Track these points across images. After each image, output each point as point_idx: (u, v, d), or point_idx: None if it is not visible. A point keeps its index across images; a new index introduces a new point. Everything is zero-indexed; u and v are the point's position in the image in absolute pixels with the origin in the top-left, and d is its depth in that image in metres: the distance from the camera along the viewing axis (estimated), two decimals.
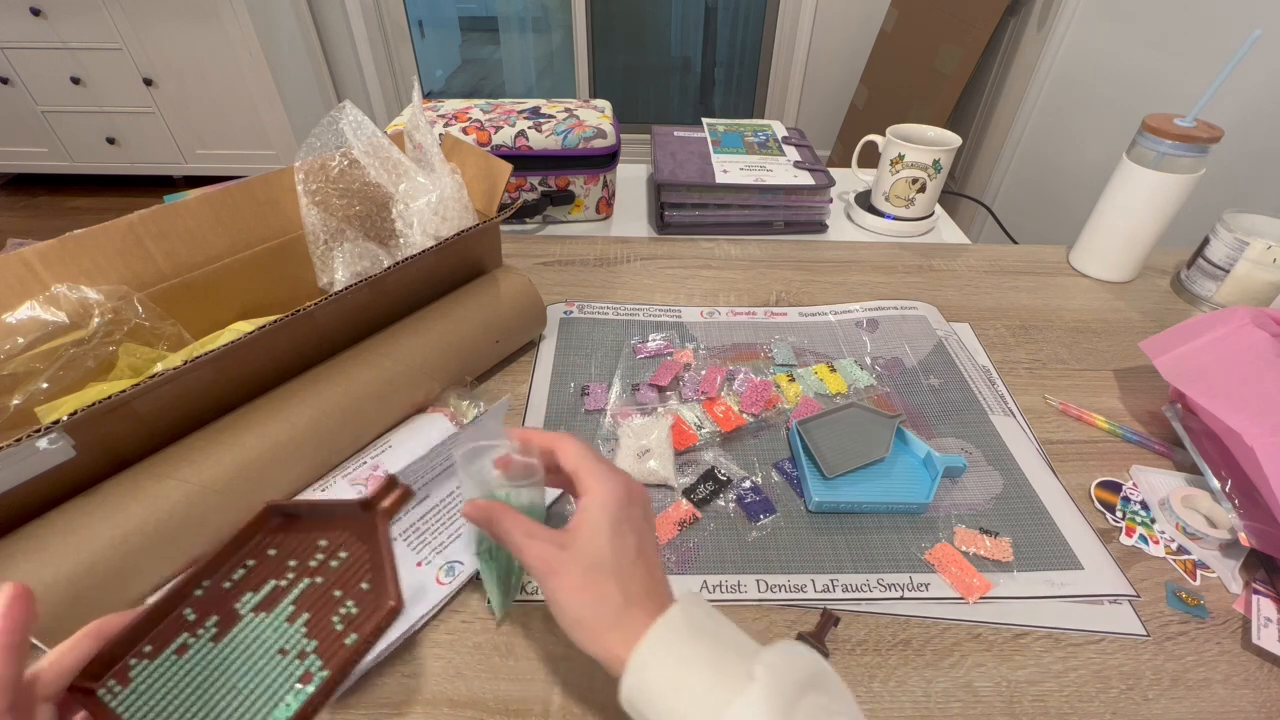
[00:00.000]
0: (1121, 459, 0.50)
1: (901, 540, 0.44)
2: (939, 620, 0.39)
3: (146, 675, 0.24)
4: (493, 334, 0.54)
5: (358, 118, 0.50)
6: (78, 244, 0.40)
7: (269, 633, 0.26)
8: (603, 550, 0.30)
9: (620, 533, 0.30)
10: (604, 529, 0.30)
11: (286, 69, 2.17)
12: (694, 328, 0.62)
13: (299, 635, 0.26)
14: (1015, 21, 1.79)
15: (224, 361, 0.39)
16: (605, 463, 0.33)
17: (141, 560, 0.35)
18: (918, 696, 0.36)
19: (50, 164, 2.30)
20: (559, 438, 0.34)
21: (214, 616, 0.26)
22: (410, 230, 0.51)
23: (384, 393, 0.46)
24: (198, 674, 0.25)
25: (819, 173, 0.79)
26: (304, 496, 0.42)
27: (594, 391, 0.54)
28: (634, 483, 0.33)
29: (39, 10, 1.95)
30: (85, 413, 0.33)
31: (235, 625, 0.26)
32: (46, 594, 0.32)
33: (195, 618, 0.26)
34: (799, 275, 0.71)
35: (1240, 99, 1.04)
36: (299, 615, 0.26)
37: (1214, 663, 0.38)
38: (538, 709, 0.35)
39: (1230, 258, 0.64)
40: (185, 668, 0.25)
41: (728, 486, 0.47)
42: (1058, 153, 1.62)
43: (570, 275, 0.70)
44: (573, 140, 0.74)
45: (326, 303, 0.42)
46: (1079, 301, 0.69)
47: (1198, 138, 0.61)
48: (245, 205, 0.48)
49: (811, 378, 0.56)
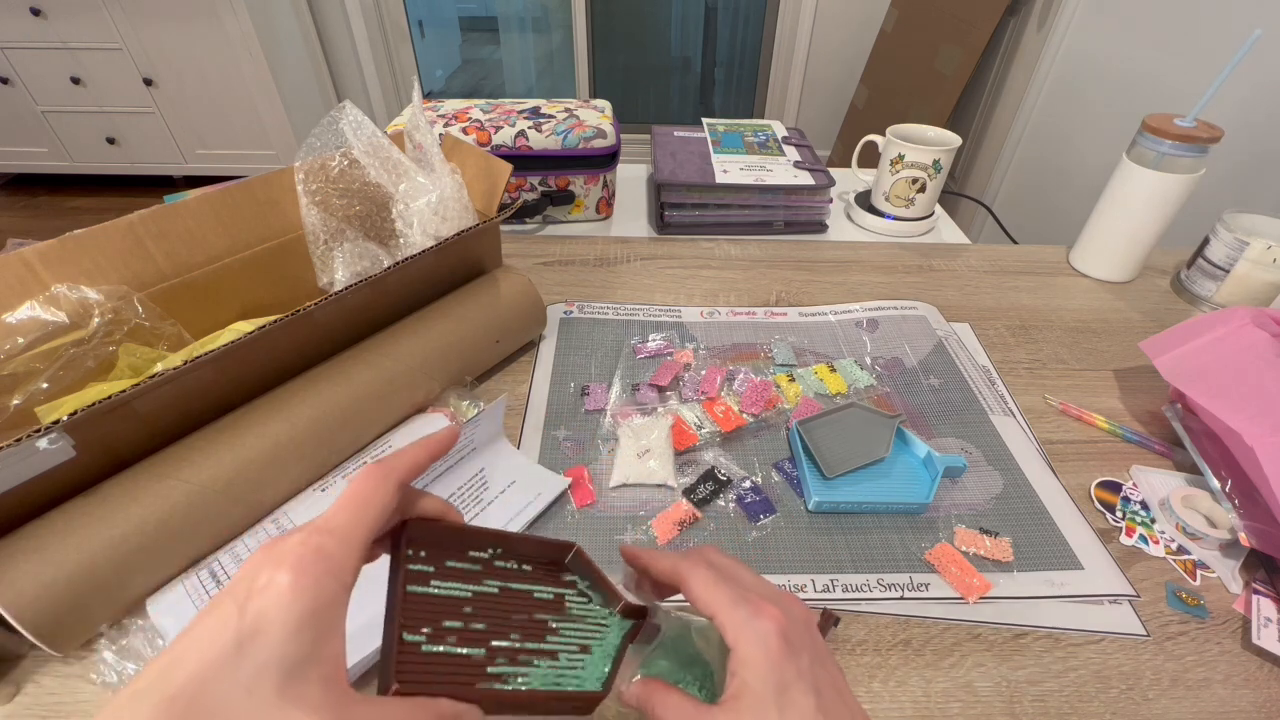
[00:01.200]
0: (1121, 459, 0.50)
1: (901, 540, 0.44)
2: (939, 620, 0.39)
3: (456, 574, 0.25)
4: (493, 334, 0.54)
5: (358, 118, 0.50)
6: (78, 244, 0.40)
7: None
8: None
9: (789, 700, 0.23)
10: (768, 701, 0.23)
11: (286, 69, 2.17)
12: (694, 328, 0.62)
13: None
14: (1015, 21, 1.79)
15: (224, 361, 0.39)
16: (747, 598, 0.25)
17: (141, 560, 0.35)
18: (918, 696, 0.36)
19: (50, 164, 2.30)
20: (682, 566, 0.27)
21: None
22: (410, 230, 0.51)
23: (384, 393, 0.46)
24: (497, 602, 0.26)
25: (819, 173, 0.79)
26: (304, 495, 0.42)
27: (594, 391, 0.54)
28: (792, 611, 0.25)
29: (39, 10, 1.95)
30: (85, 413, 0.33)
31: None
32: (46, 594, 0.32)
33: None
34: (799, 275, 0.71)
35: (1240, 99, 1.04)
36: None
37: (1214, 663, 0.37)
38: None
39: (1230, 258, 0.64)
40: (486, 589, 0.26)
41: (728, 486, 0.47)
42: (1058, 153, 1.62)
43: (570, 275, 0.70)
44: (573, 140, 0.74)
45: (326, 303, 0.42)
46: (1079, 301, 0.69)
47: (1198, 138, 0.61)
48: (245, 205, 0.48)
49: (811, 378, 0.56)
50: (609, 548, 0.43)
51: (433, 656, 0.23)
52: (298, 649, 0.18)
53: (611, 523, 0.44)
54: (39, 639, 0.32)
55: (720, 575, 0.26)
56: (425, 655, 0.22)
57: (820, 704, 0.24)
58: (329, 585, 0.20)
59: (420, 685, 0.21)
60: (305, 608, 0.19)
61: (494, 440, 0.48)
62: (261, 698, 0.18)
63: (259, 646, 0.18)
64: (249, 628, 0.18)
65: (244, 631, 0.18)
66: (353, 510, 0.22)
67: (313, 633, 0.19)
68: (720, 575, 0.26)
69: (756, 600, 0.25)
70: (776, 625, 0.24)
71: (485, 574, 0.26)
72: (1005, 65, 1.83)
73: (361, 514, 0.22)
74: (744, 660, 0.24)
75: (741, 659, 0.24)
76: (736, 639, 0.24)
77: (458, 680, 0.23)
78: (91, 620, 0.35)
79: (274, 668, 0.18)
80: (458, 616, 0.24)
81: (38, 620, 0.32)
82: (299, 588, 0.19)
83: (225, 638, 0.18)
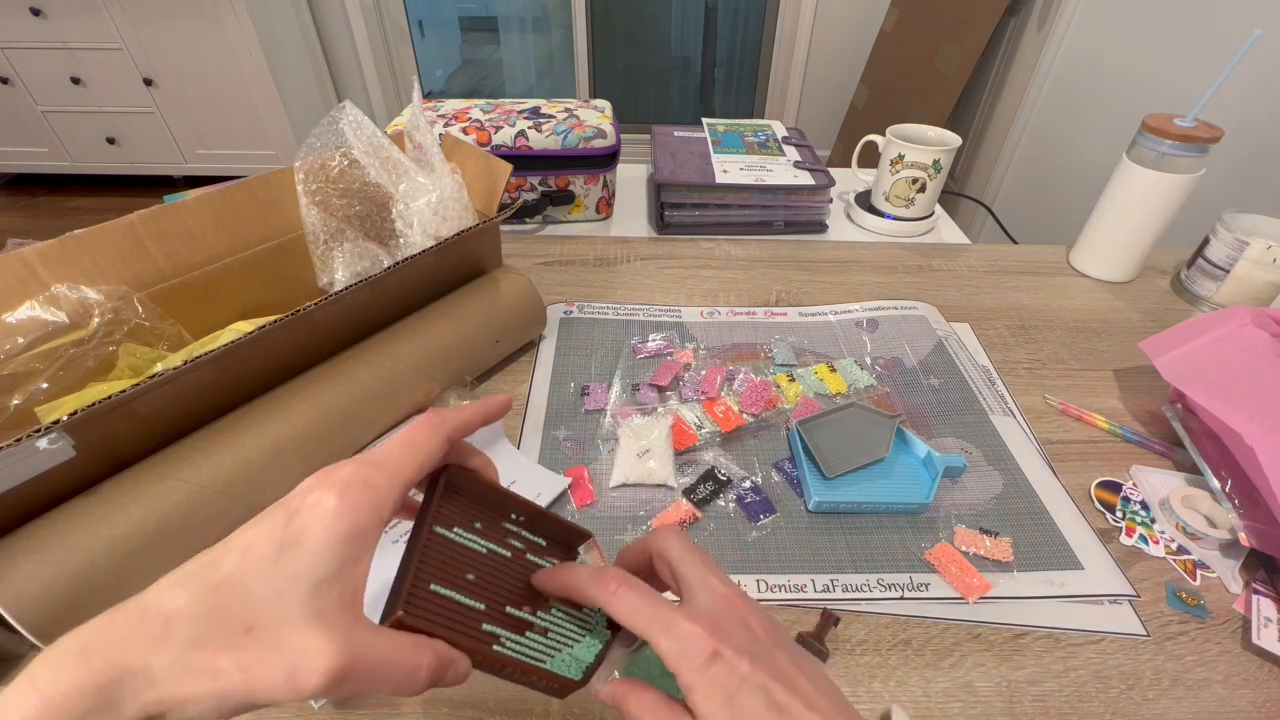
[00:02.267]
0: (1121, 459, 0.50)
1: (901, 540, 0.44)
2: (939, 620, 0.39)
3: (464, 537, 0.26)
4: (493, 334, 0.54)
5: (358, 118, 0.50)
6: (78, 244, 0.40)
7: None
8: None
9: (738, 707, 0.22)
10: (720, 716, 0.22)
11: (286, 69, 2.17)
12: (694, 328, 0.62)
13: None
14: (1015, 21, 1.79)
15: (224, 361, 0.39)
16: (669, 620, 0.24)
17: (141, 560, 0.35)
18: (918, 696, 0.36)
19: (50, 164, 2.30)
20: (617, 593, 0.25)
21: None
22: (410, 230, 0.51)
23: (384, 393, 0.46)
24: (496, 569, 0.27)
25: (819, 173, 0.79)
26: None
27: (594, 391, 0.54)
28: (720, 615, 0.24)
29: (39, 10, 1.95)
30: (85, 413, 0.33)
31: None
32: (46, 594, 0.32)
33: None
34: (799, 275, 0.71)
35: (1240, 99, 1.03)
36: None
37: (1214, 663, 0.37)
38: (538, 709, 0.35)
39: (1230, 258, 0.64)
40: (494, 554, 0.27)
41: (728, 486, 0.47)
42: (1058, 153, 1.62)
43: (570, 275, 0.70)
44: (573, 140, 0.74)
45: (326, 303, 0.42)
46: (1079, 301, 0.69)
47: (1198, 138, 0.61)
48: (245, 205, 0.48)
49: (811, 378, 0.56)
50: (609, 548, 0.43)
51: (440, 598, 0.24)
52: (327, 566, 0.20)
53: (612, 523, 0.44)
54: (39, 639, 0.32)
55: (646, 595, 0.24)
56: (433, 595, 0.24)
57: (770, 699, 0.22)
58: (367, 514, 0.21)
59: (423, 620, 0.23)
60: (343, 530, 0.21)
61: (494, 440, 0.48)
62: (289, 602, 0.20)
63: (295, 556, 0.20)
64: (291, 537, 0.20)
65: (286, 540, 0.20)
66: (402, 452, 0.24)
67: (344, 554, 0.21)
68: (646, 595, 0.24)
69: (675, 619, 0.23)
70: (699, 644, 0.23)
71: (504, 535, 0.28)
72: (1005, 65, 1.83)
73: (410, 457, 0.24)
74: (685, 686, 0.23)
75: (683, 685, 0.23)
76: (673, 666, 0.23)
77: (455, 627, 0.24)
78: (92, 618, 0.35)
79: (304, 578, 0.20)
80: (470, 567, 0.25)
81: (38, 620, 0.32)
82: (340, 511, 0.21)
83: (269, 543, 0.20)
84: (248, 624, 0.19)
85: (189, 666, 0.19)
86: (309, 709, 0.34)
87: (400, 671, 0.21)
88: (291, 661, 0.19)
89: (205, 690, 0.19)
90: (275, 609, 0.20)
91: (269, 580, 0.20)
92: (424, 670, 0.22)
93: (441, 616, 0.24)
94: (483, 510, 0.27)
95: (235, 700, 0.19)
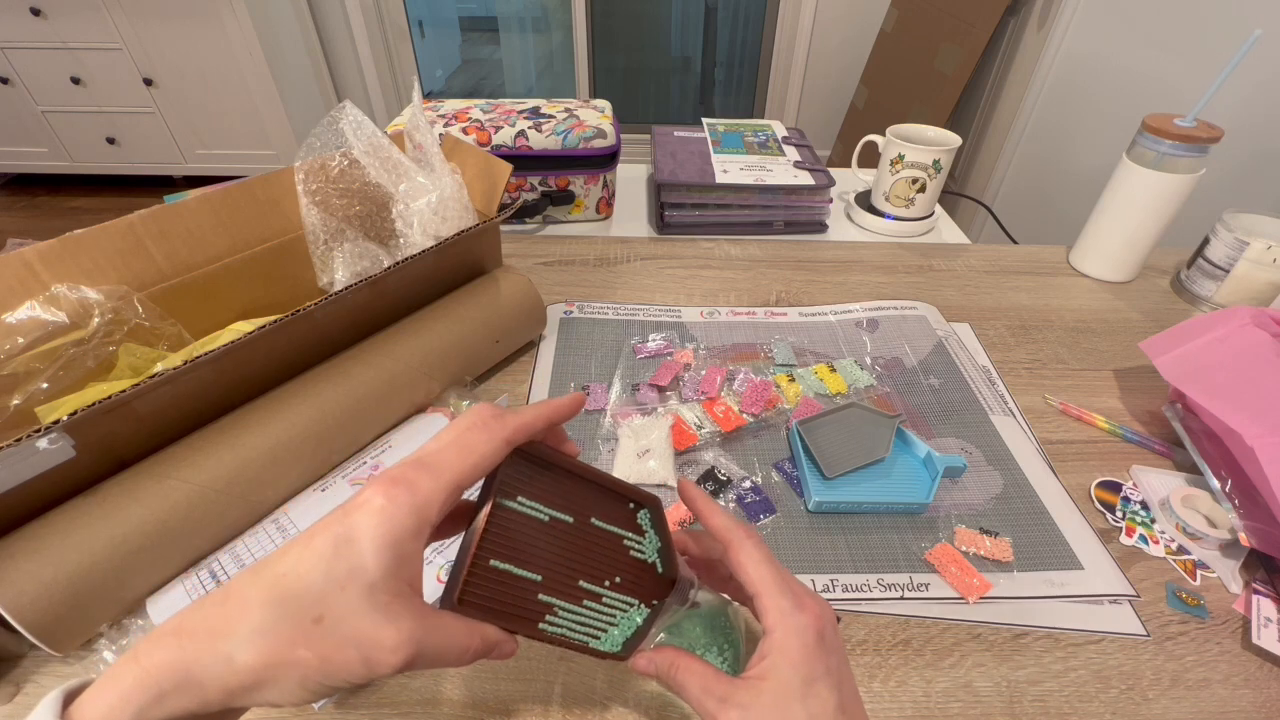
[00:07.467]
0: (1121, 459, 0.50)
1: (901, 540, 0.44)
2: (939, 620, 0.39)
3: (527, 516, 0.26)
4: (493, 334, 0.54)
5: (358, 118, 0.50)
6: (78, 244, 0.40)
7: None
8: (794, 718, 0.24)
9: (814, 693, 0.24)
10: (794, 690, 0.24)
11: (286, 69, 2.17)
12: (694, 328, 0.62)
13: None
14: (1015, 21, 1.79)
15: (224, 361, 0.39)
16: (793, 587, 0.27)
17: (141, 560, 0.35)
18: (918, 696, 0.36)
19: (50, 164, 2.30)
20: (736, 533, 0.28)
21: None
22: (410, 230, 0.51)
23: (384, 393, 0.46)
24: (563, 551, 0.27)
25: (819, 173, 0.79)
26: (304, 495, 0.42)
27: (594, 391, 0.54)
28: (827, 612, 0.27)
29: (39, 10, 1.95)
30: (85, 413, 0.33)
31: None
32: (46, 594, 0.32)
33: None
34: (799, 275, 0.71)
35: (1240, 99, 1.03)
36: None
37: (1214, 663, 0.37)
38: (538, 709, 0.35)
39: (1230, 258, 0.64)
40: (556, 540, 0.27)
41: (728, 486, 0.47)
42: (1058, 153, 1.62)
43: (570, 275, 0.70)
44: (573, 140, 0.74)
45: (326, 303, 0.42)
46: (1079, 301, 0.69)
47: (1198, 138, 0.61)
48: (245, 205, 0.48)
49: (811, 378, 0.56)
50: None
51: (498, 574, 0.25)
52: (379, 563, 0.21)
53: None
54: (39, 639, 0.32)
55: (770, 556, 0.28)
56: (491, 571, 0.24)
57: (841, 702, 0.25)
58: (408, 517, 0.22)
59: (480, 600, 0.24)
60: (387, 530, 0.21)
61: None
62: (352, 595, 0.21)
63: (351, 552, 0.21)
64: (344, 534, 0.21)
65: (340, 537, 0.21)
66: (455, 454, 0.24)
67: (392, 552, 0.21)
68: (770, 556, 0.28)
69: (801, 592, 0.27)
70: (815, 622, 0.26)
71: (569, 502, 0.27)
72: (1005, 65, 1.83)
73: (462, 459, 0.24)
74: (779, 646, 0.25)
75: (777, 644, 0.25)
76: (776, 624, 0.26)
77: (509, 609, 0.25)
78: (91, 620, 0.35)
79: (361, 574, 0.21)
80: (531, 538, 0.26)
81: (38, 620, 0.32)
82: (384, 513, 0.22)
83: (327, 538, 0.21)
84: (316, 614, 0.21)
85: (267, 654, 0.20)
86: (309, 709, 0.34)
87: (453, 654, 0.23)
88: (366, 652, 0.21)
89: (285, 675, 0.20)
90: (340, 601, 0.21)
91: (330, 574, 0.21)
92: (472, 652, 0.24)
93: (497, 598, 0.24)
94: (548, 475, 0.27)
95: (315, 683, 0.21)
